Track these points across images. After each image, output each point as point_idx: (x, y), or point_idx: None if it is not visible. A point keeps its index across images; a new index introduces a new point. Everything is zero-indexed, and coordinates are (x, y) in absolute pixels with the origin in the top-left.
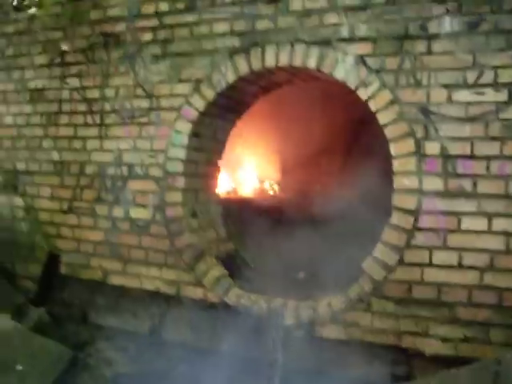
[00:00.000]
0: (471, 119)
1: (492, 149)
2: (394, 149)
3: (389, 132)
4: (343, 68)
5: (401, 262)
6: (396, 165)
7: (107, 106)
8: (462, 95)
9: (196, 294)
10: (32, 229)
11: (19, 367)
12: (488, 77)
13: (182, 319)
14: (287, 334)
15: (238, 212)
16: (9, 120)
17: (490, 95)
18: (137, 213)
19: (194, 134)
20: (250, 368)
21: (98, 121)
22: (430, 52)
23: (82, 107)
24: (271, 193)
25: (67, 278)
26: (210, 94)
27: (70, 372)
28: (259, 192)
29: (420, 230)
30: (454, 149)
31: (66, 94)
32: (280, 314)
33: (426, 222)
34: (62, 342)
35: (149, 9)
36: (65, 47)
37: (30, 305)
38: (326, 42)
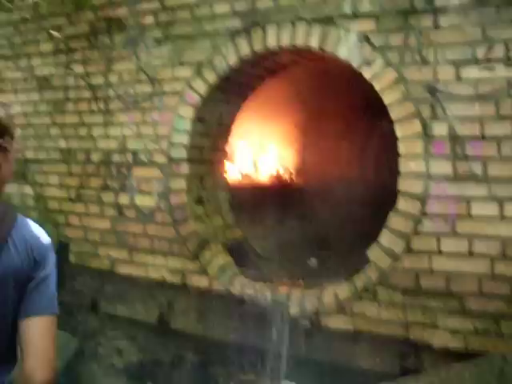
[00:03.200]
0: (481, 97)
1: (503, 129)
2: (399, 130)
3: (394, 112)
4: (346, 46)
5: (408, 249)
6: (402, 147)
7: (111, 92)
8: (471, 72)
9: (201, 282)
10: (42, 217)
11: None
12: (499, 51)
13: (189, 308)
14: (292, 324)
15: (250, 198)
16: (17, 108)
17: (501, 71)
18: (142, 200)
19: (198, 119)
20: (256, 358)
21: (102, 107)
22: (436, 27)
23: (87, 94)
24: (287, 178)
25: (77, 266)
26: (212, 77)
27: (77, 361)
28: (274, 177)
29: (428, 215)
30: (463, 129)
31: (71, 81)
32: (284, 303)
33: (433, 207)
34: (72, 331)
35: None
36: (55, 34)
37: None
38: (328, 20)
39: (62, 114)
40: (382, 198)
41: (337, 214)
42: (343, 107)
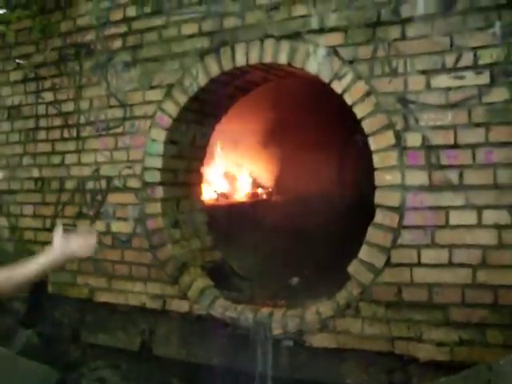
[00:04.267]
0: (453, 106)
1: (477, 136)
2: (373, 143)
3: (366, 125)
4: (315, 61)
5: (388, 263)
6: (376, 160)
7: (82, 119)
8: (442, 81)
9: (182, 307)
10: (18, 249)
11: None
12: (468, 59)
13: (171, 334)
14: (275, 345)
15: (227, 218)
16: None
17: (471, 78)
18: (118, 227)
19: (171, 142)
20: (240, 381)
21: (74, 134)
22: (404, 37)
23: (58, 121)
24: (264, 197)
25: (55, 297)
26: (182, 98)
27: None
28: (251, 196)
29: (406, 227)
30: (437, 139)
31: (42, 109)
32: (267, 324)
33: (411, 219)
34: (53, 363)
35: (117, 15)
36: (19, 61)
37: (18, 326)
38: (296, 36)
39: (34, 142)
40: (362, 212)
41: (316, 230)
42: (318, 122)
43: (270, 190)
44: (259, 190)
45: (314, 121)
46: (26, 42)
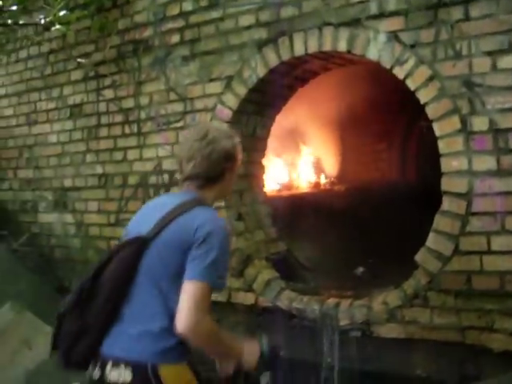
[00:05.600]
0: None
1: None
2: (438, 128)
3: (431, 111)
4: (375, 47)
5: (457, 250)
6: (442, 146)
7: (143, 114)
8: (508, 61)
9: (247, 299)
10: (84, 244)
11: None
12: None
13: (237, 326)
14: (342, 336)
15: (291, 209)
16: (53, 138)
17: None
18: None
19: None
20: (307, 373)
21: (135, 130)
22: (467, 18)
23: (119, 118)
24: (327, 186)
25: None
26: (241, 90)
27: None
28: (315, 186)
29: (475, 214)
30: (505, 122)
31: (103, 107)
32: (333, 315)
33: (480, 205)
34: None
35: (174, 10)
36: (80, 60)
37: None
38: (355, 22)
39: (97, 139)
40: (427, 199)
41: (380, 218)
42: (381, 110)
43: (333, 179)
44: (322, 180)
45: (376, 108)
46: (86, 42)
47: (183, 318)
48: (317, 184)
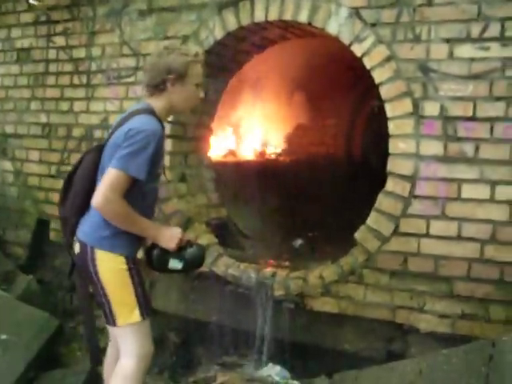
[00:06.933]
0: (474, 77)
1: (496, 110)
2: (389, 109)
3: (384, 91)
4: (336, 22)
5: (396, 231)
6: (392, 127)
7: (93, 66)
8: (465, 51)
9: None
10: (21, 194)
11: (3, 336)
12: (494, 30)
13: (170, 288)
14: (276, 306)
15: (235, 176)
16: None
17: (496, 50)
18: None
19: None
20: (239, 339)
21: (84, 81)
22: (430, 3)
23: (69, 67)
24: (273, 156)
25: (57, 244)
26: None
27: (57, 341)
28: (260, 155)
29: (417, 197)
30: (455, 110)
31: (52, 54)
32: (269, 284)
33: (423, 188)
34: (52, 311)
35: None
36: (33, 2)
37: (19, 272)
38: None
39: (43, 87)
40: (369, 178)
41: (323, 194)
42: (333, 86)
43: (280, 150)
44: (268, 149)
45: (329, 85)
46: None
47: (97, 195)
48: (262, 153)
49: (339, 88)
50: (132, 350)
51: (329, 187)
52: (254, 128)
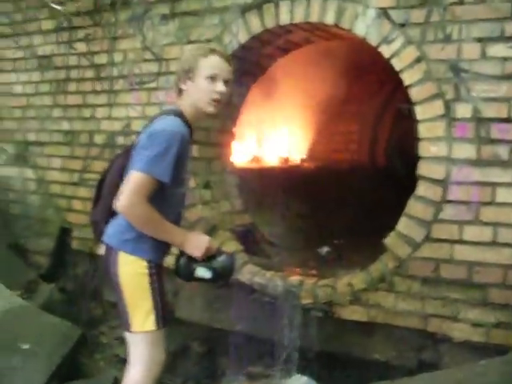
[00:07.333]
0: (508, 77)
1: None
2: (420, 112)
3: (414, 93)
4: (364, 23)
5: (428, 237)
6: (422, 130)
7: (115, 72)
8: (499, 50)
9: None
10: (43, 202)
11: (25, 346)
12: None
13: (195, 297)
14: (304, 315)
15: (259, 182)
16: (18, 89)
17: None
18: None
19: None
20: (265, 349)
21: (106, 87)
22: (461, 1)
23: (90, 74)
24: (297, 162)
25: (79, 253)
26: None
27: (79, 351)
28: (284, 162)
29: (449, 202)
30: (489, 111)
31: (74, 60)
32: (296, 292)
33: (456, 193)
34: (74, 320)
35: None
36: (57, 7)
37: (41, 281)
38: None
39: (65, 94)
40: (395, 183)
41: (348, 200)
42: (357, 90)
43: (304, 155)
44: (292, 156)
45: (353, 89)
46: None
47: (121, 199)
48: (286, 160)
49: (363, 92)
50: (141, 359)
51: (353, 193)
52: (277, 133)
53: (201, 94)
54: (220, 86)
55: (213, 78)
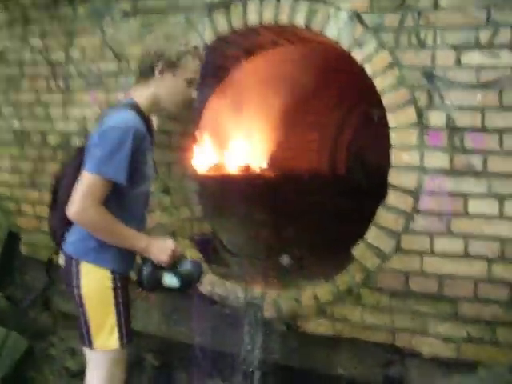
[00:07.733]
0: (483, 86)
1: (506, 120)
2: (392, 119)
3: (387, 99)
4: (335, 25)
5: (397, 249)
6: (394, 137)
7: (72, 69)
8: (473, 58)
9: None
10: None
11: None
12: (504, 36)
13: (152, 308)
14: (266, 328)
15: (219, 190)
16: None
17: (506, 58)
18: None
19: None
20: (225, 363)
21: (61, 85)
22: (436, 7)
23: (45, 70)
24: (258, 171)
25: (28, 259)
26: None
27: (26, 364)
28: (245, 169)
29: (420, 212)
30: (462, 120)
31: (27, 56)
32: (259, 304)
33: (427, 203)
34: (21, 330)
35: None
36: None
37: None
38: None
39: (17, 91)
40: (354, 193)
41: (309, 209)
42: (320, 100)
43: (265, 165)
44: (253, 164)
45: (313, 98)
46: None
47: (71, 204)
48: (247, 168)
49: (325, 104)
50: (100, 378)
51: (314, 204)
52: (238, 140)
53: (176, 94)
54: (194, 93)
55: (190, 83)
